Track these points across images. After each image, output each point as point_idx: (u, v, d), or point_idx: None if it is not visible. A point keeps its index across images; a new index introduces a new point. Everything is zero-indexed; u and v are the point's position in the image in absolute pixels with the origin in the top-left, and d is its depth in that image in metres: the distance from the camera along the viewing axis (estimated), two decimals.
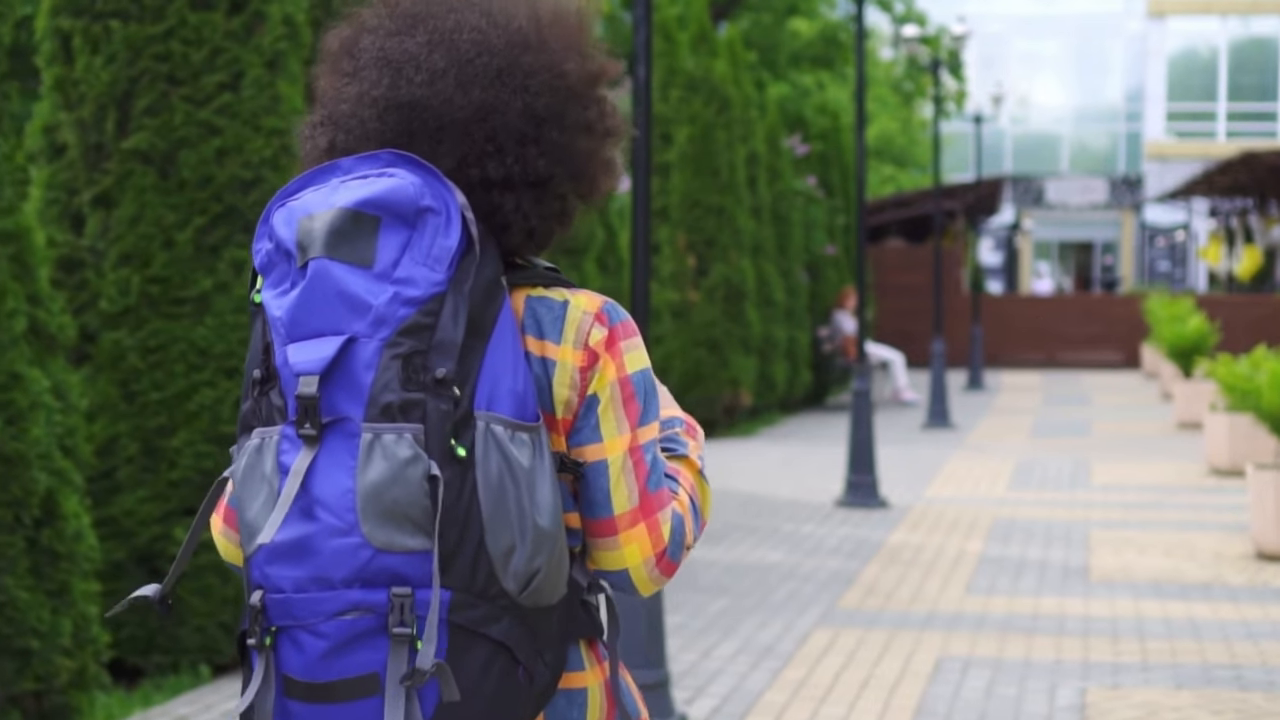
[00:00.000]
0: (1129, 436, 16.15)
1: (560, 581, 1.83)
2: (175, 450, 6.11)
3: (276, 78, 6.33)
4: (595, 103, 1.92)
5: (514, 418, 1.80)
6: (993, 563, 8.83)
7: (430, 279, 1.80)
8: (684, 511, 1.92)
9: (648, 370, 1.91)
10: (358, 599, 1.77)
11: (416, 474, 1.76)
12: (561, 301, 1.89)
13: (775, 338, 17.13)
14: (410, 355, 1.78)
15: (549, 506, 1.80)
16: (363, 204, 1.81)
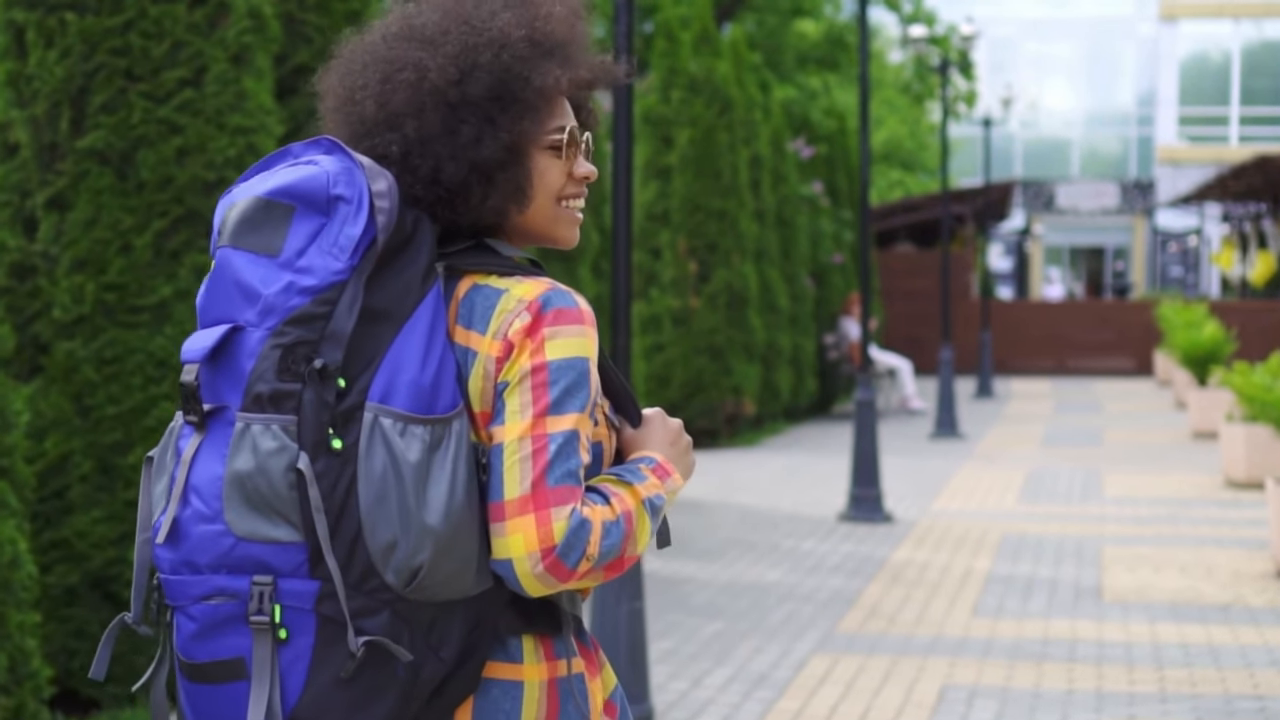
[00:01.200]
0: (1142, 446, 15.76)
1: (463, 577, 1.80)
2: (132, 468, 5.75)
3: (242, 73, 5.97)
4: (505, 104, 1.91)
5: (409, 410, 1.78)
6: (1001, 582, 8.46)
7: (330, 268, 1.80)
8: (596, 521, 1.83)
9: (578, 361, 1.84)
10: (221, 584, 1.80)
11: (279, 465, 1.77)
12: (499, 290, 1.87)
13: (779, 345, 16.76)
14: (294, 345, 1.78)
15: (440, 503, 1.78)
16: (275, 192, 1.84)
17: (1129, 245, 45.47)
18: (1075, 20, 45.95)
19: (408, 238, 1.86)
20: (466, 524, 1.80)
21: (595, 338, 1.89)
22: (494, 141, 1.90)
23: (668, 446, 1.98)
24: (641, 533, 1.88)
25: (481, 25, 1.92)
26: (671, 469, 1.96)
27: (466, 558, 1.81)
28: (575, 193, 1.99)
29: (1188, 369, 17.30)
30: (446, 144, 1.89)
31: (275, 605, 1.79)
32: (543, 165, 1.95)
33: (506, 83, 1.90)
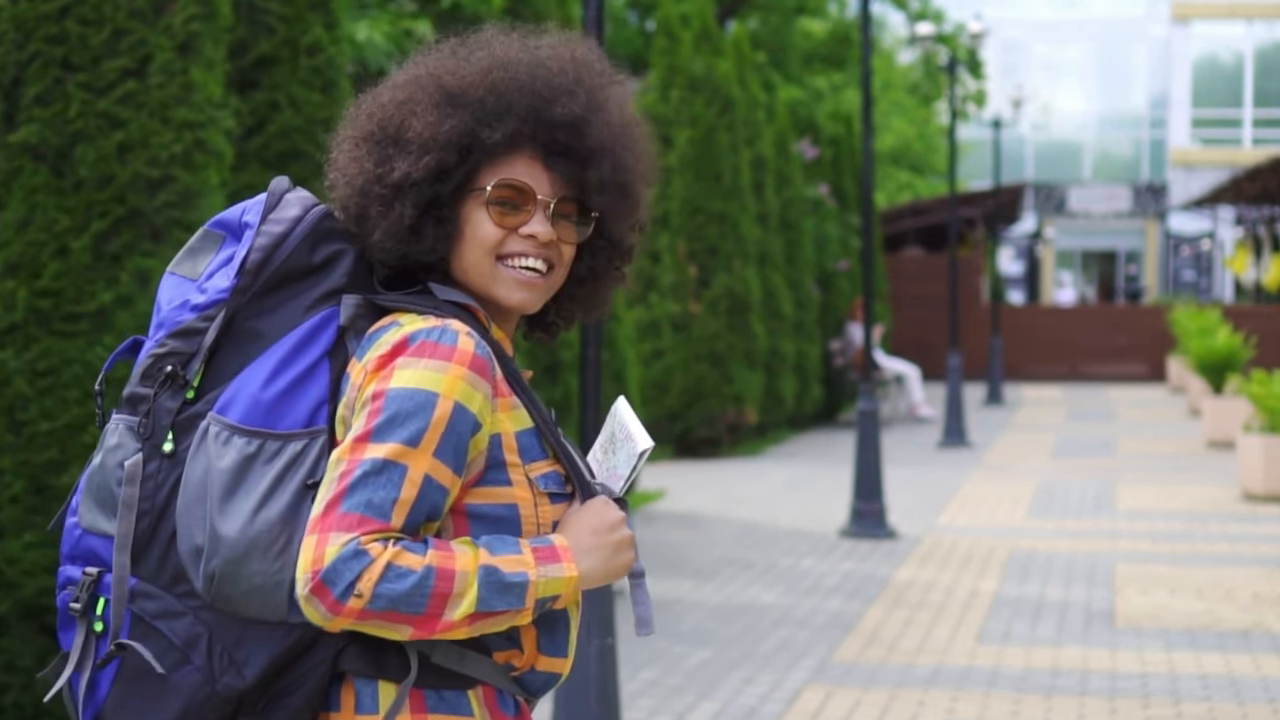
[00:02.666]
0: (1156, 456, 15.30)
1: (271, 597, 1.78)
2: (67, 489, 5.33)
3: (189, 63, 5.55)
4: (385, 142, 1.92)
5: (239, 421, 1.81)
6: (1009, 604, 8.01)
7: (218, 287, 1.89)
8: (380, 559, 1.74)
9: (419, 393, 1.78)
10: (70, 574, 1.88)
11: (114, 461, 1.85)
12: (395, 324, 1.87)
13: (783, 351, 16.31)
14: (166, 355, 1.86)
15: (241, 515, 1.78)
16: (213, 223, 1.98)
17: (1141, 249, 45.00)
18: (1086, 21, 45.55)
19: (311, 268, 1.89)
20: (275, 542, 1.78)
21: (468, 379, 1.81)
22: (373, 173, 1.90)
23: (586, 535, 1.86)
24: (464, 598, 1.76)
25: (414, 65, 1.98)
26: (568, 558, 1.83)
27: (274, 577, 1.78)
28: (519, 250, 1.92)
29: (1202, 376, 16.84)
30: (336, 173, 1.95)
31: (100, 598, 1.84)
32: (474, 217, 1.92)
33: (397, 121, 1.92)
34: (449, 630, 1.78)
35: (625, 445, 1.96)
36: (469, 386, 1.81)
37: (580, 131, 1.92)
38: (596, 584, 1.86)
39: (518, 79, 1.91)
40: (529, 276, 1.92)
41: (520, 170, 1.92)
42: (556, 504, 1.89)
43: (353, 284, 1.90)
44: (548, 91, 1.91)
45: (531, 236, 1.91)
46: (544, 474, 1.89)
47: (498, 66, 1.92)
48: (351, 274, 1.91)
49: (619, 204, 1.97)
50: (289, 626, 1.80)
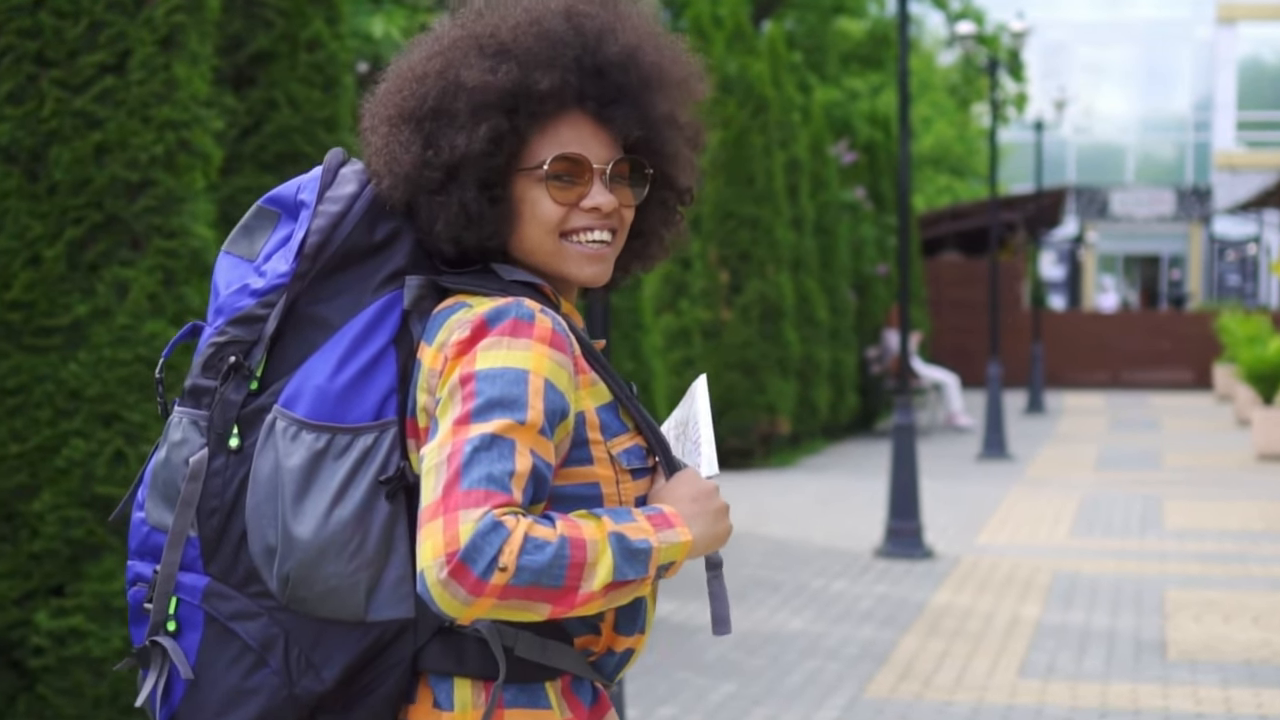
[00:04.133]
0: (1204, 470, 14.78)
1: (348, 597, 1.73)
2: (38, 516, 4.97)
3: (172, 58, 5.17)
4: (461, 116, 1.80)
5: (307, 416, 1.74)
6: (1052, 633, 7.56)
7: (276, 271, 1.80)
8: (517, 530, 1.64)
9: (510, 371, 1.71)
10: (139, 570, 1.84)
11: (179, 457, 1.80)
12: (463, 305, 1.79)
13: (817, 359, 15.86)
14: (227, 344, 1.79)
15: (315, 515, 1.72)
16: (267, 199, 1.89)
17: (1185, 253, 44.34)
18: (1130, 23, 44.99)
19: (372, 247, 1.80)
20: (351, 541, 1.73)
21: (551, 356, 1.73)
22: (422, 158, 1.80)
23: (688, 502, 1.79)
24: (599, 566, 1.67)
25: (444, 32, 1.86)
26: (679, 523, 1.75)
27: (350, 578, 1.73)
28: (584, 225, 1.83)
29: (1252, 386, 16.31)
30: (380, 159, 1.83)
31: (173, 597, 1.79)
32: (530, 195, 1.82)
33: (444, 96, 1.80)
34: (587, 603, 1.68)
35: (693, 453, 1.89)
36: (554, 364, 1.74)
37: (627, 69, 1.83)
38: (702, 552, 1.79)
39: (555, 28, 1.81)
40: (596, 249, 1.85)
41: (570, 136, 1.83)
42: (638, 479, 1.83)
43: (414, 264, 1.82)
44: (587, 35, 1.82)
45: (595, 209, 1.83)
46: (626, 449, 1.82)
47: (533, 20, 1.82)
48: (413, 253, 1.82)
49: (675, 145, 1.88)
50: (366, 626, 1.75)
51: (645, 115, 1.84)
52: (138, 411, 4.99)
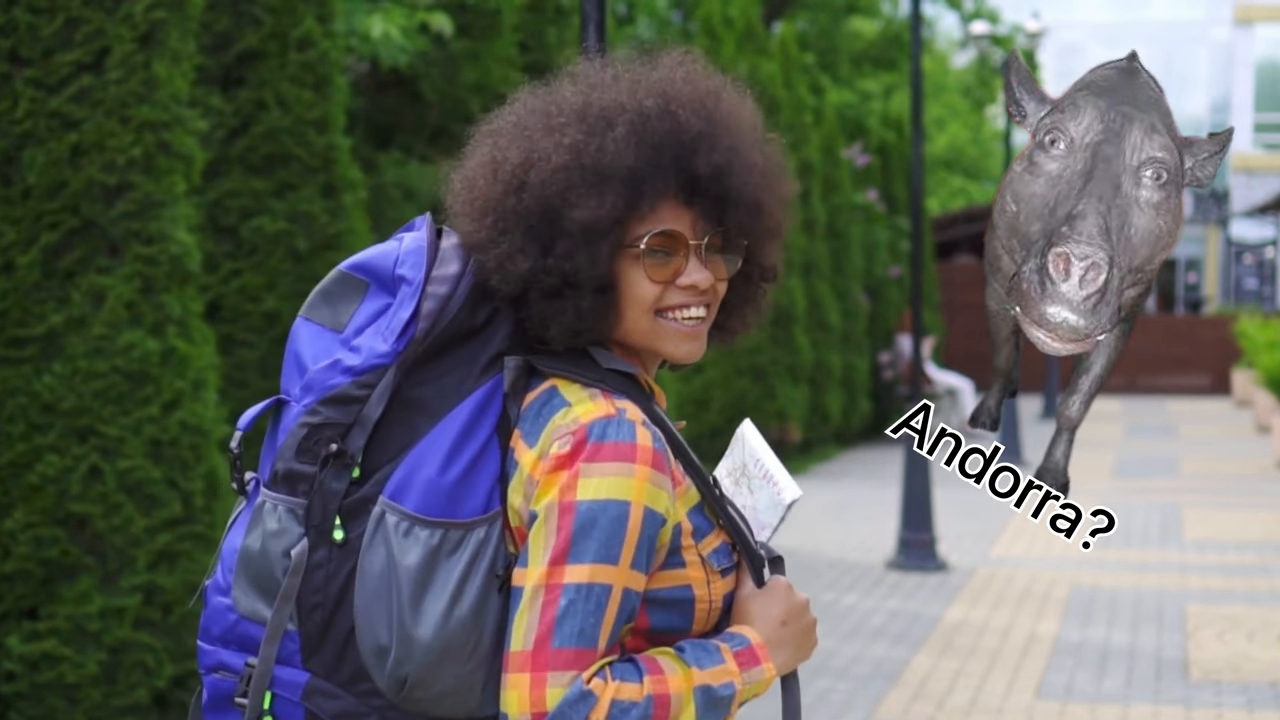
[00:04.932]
0: (1224, 478, 14.51)
1: (466, 696, 1.71)
2: (9, 534, 4.76)
3: (152, 56, 4.96)
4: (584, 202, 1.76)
5: (418, 510, 1.70)
6: (1071, 651, 7.32)
7: (375, 350, 1.75)
8: (604, 698, 1.64)
9: (612, 505, 1.67)
10: (224, 659, 1.78)
11: (278, 548, 1.74)
12: (565, 403, 1.75)
13: (829, 365, 15.62)
14: (321, 425, 1.72)
15: (436, 615, 1.68)
16: (353, 266, 1.81)
17: (1202, 257, 44.01)
18: (1146, 24, 44.73)
19: (473, 329, 1.77)
20: (469, 640, 1.70)
21: (653, 480, 1.70)
22: (538, 265, 1.76)
23: (777, 626, 1.78)
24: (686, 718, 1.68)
25: (542, 136, 1.79)
26: (766, 658, 1.75)
27: (468, 677, 1.71)
28: (680, 303, 1.80)
29: (1272, 392, 16.03)
30: (490, 255, 1.77)
31: (268, 692, 1.74)
32: (627, 275, 1.79)
33: (551, 211, 1.76)
34: None
35: (765, 487, 1.87)
36: (655, 487, 1.71)
37: (723, 175, 1.80)
38: (792, 668, 1.80)
39: (656, 134, 1.78)
40: (692, 326, 1.82)
41: (665, 215, 1.79)
42: (726, 577, 1.80)
43: (512, 345, 1.79)
44: (688, 141, 1.79)
45: (692, 286, 1.80)
46: (714, 549, 1.79)
47: (632, 130, 1.77)
48: (512, 335, 1.79)
49: (763, 229, 1.86)
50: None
51: (730, 215, 1.83)
52: (114, 426, 4.78)
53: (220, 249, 5.92)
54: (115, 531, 4.78)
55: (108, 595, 4.77)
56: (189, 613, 4.88)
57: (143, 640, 4.80)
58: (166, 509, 4.85)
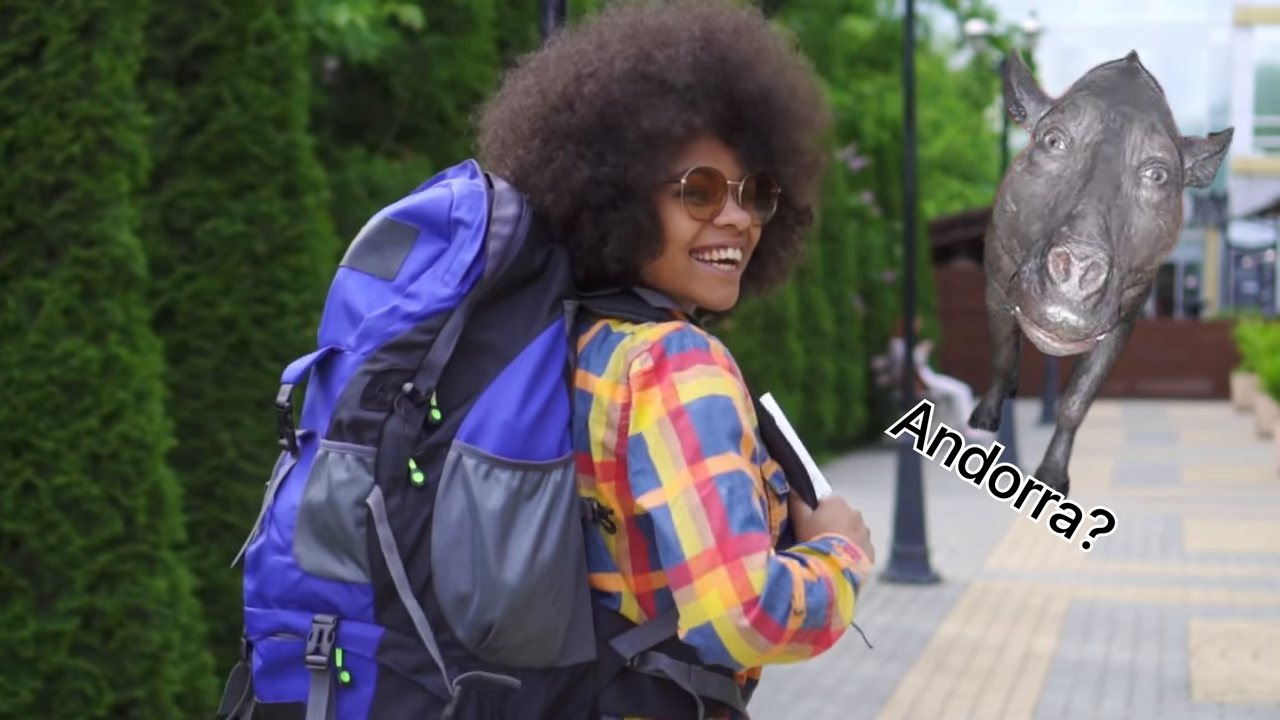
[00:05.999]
0: (1225, 486, 14.23)
1: (548, 644, 1.68)
2: None
3: (93, 48, 4.68)
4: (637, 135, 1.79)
5: (497, 453, 1.67)
6: (1069, 670, 7.03)
7: (437, 294, 1.72)
8: (797, 574, 1.66)
9: (716, 399, 1.68)
10: (286, 620, 1.72)
11: (349, 498, 1.69)
12: (624, 334, 1.76)
13: (822, 371, 15.33)
14: (385, 372, 1.70)
15: (521, 558, 1.65)
16: (401, 214, 1.78)
17: (1201, 260, 43.75)
18: (1145, 27, 44.52)
19: (534, 272, 1.75)
20: (554, 585, 1.66)
21: (735, 381, 1.72)
22: (594, 175, 1.77)
23: (851, 532, 1.82)
24: (845, 603, 1.70)
25: (594, 53, 1.82)
26: (860, 552, 1.80)
27: (552, 622, 1.67)
28: (717, 243, 1.81)
29: (1274, 398, 15.75)
30: (544, 174, 1.78)
31: (337, 649, 1.68)
32: (667, 210, 1.80)
33: (609, 119, 1.78)
34: (833, 642, 1.71)
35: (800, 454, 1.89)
36: (739, 386, 1.73)
37: (765, 104, 1.81)
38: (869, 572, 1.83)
39: (703, 58, 1.80)
40: (726, 271, 1.82)
41: (703, 153, 1.81)
42: (781, 504, 1.81)
43: (568, 289, 1.78)
44: (729, 66, 1.81)
45: (730, 225, 1.81)
46: (774, 473, 1.81)
47: (684, 48, 1.80)
48: (567, 278, 1.78)
49: (801, 169, 1.87)
50: (556, 672, 1.70)
51: (771, 147, 1.84)
52: (50, 439, 4.50)
53: (174, 252, 5.63)
54: (51, 551, 4.50)
55: (43, 619, 4.49)
56: (130, 637, 4.59)
57: (81, 667, 4.51)
58: (106, 527, 4.56)
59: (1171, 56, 44.68)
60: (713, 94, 1.80)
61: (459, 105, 7.16)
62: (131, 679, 4.59)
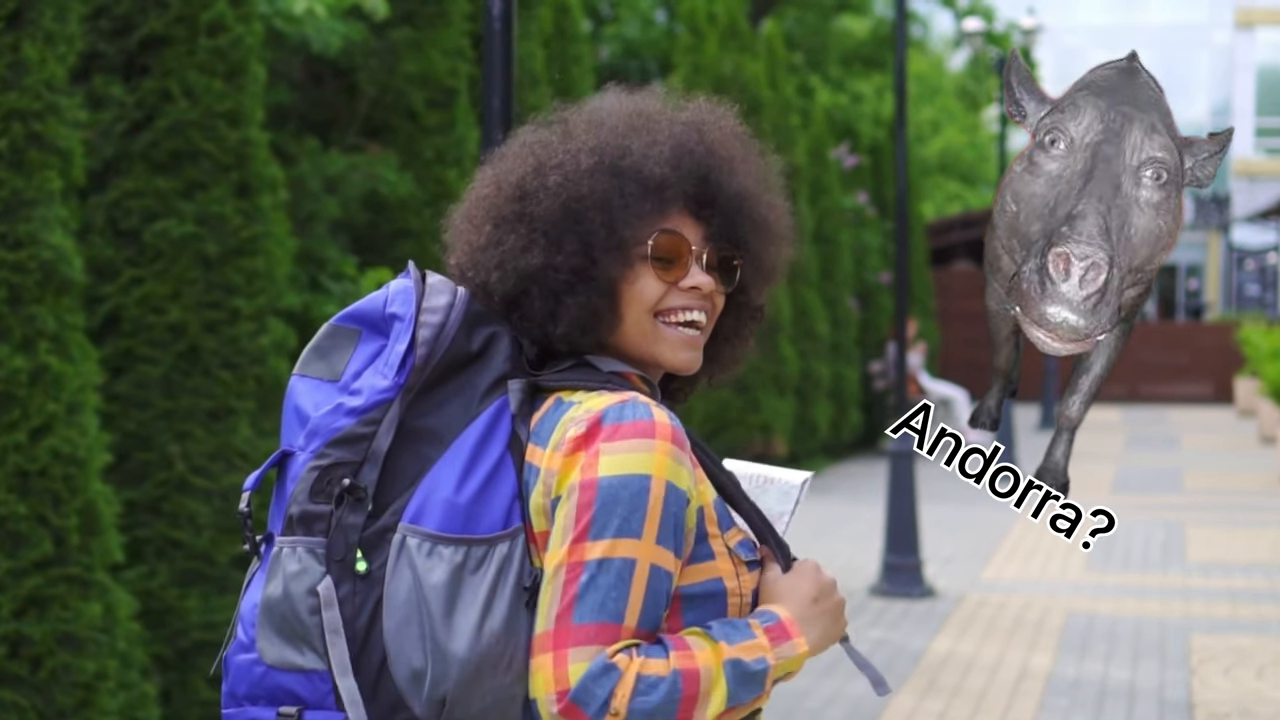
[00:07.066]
0: (1227, 493, 13.93)
1: (506, 712, 1.70)
2: None
3: (21, 37, 4.40)
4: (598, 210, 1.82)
5: (439, 530, 1.71)
6: (1066, 689, 6.74)
7: (376, 387, 1.77)
8: (629, 672, 1.63)
9: (633, 479, 1.67)
10: (255, 715, 1.76)
11: (301, 588, 1.72)
12: (572, 403, 1.77)
13: (817, 375, 15.04)
14: (331, 466, 1.74)
15: (469, 629, 1.68)
16: (343, 318, 1.85)
17: (1203, 263, 43.49)
18: (1146, 28, 44.27)
19: (472, 355, 1.79)
20: (505, 653, 1.68)
21: (673, 456, 1.69)
22: (550, 262, 1.79)
23: (807, 604, 1.76)
24: (713, 695, 1.66)
25: (559, 144, 1.85)
26: (797, 632, 1.73)
27: (507, 690, 1.69)
28: (682, 304, 1.82)
29: (1278, 404, 15.45)
30: (491, 254, 1.82)
31: None
32: (632, 273, 1.81)
33: (574, 213, 1.80)
34: None
35: (769, 489, 1.91)
36: (675, 462, 1.70)
37: (739, 205, 1.85)
38: (816, 654, 1.76)
39: (687, 144, 1.84)
40: (691, 335, 1.84)
41: (671, 220, 1.84)
42: (752, 571, 1.79)
43: (514, 368, 1.81)
44: (715, 159, 1.84)
45: (694, 288, 1.83)
46: (740, 541, 1.79)
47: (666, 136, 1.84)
48: (512, 357, 1.81)
49: (761, 271, 1.90)
50: None
51: (735, 234, 1.85)
52: None
53: (120, 255, 5.33)
54: None
55: None
56: (61, 666, 4.31)
57: (6, 698, 4.23)
58: (35, 549, 4.28)
59: (1172, 57, 44.42)
60: (686, 174, 1.83)
61: (429, 102, 6.87)
62: (62, 710, 4.30)
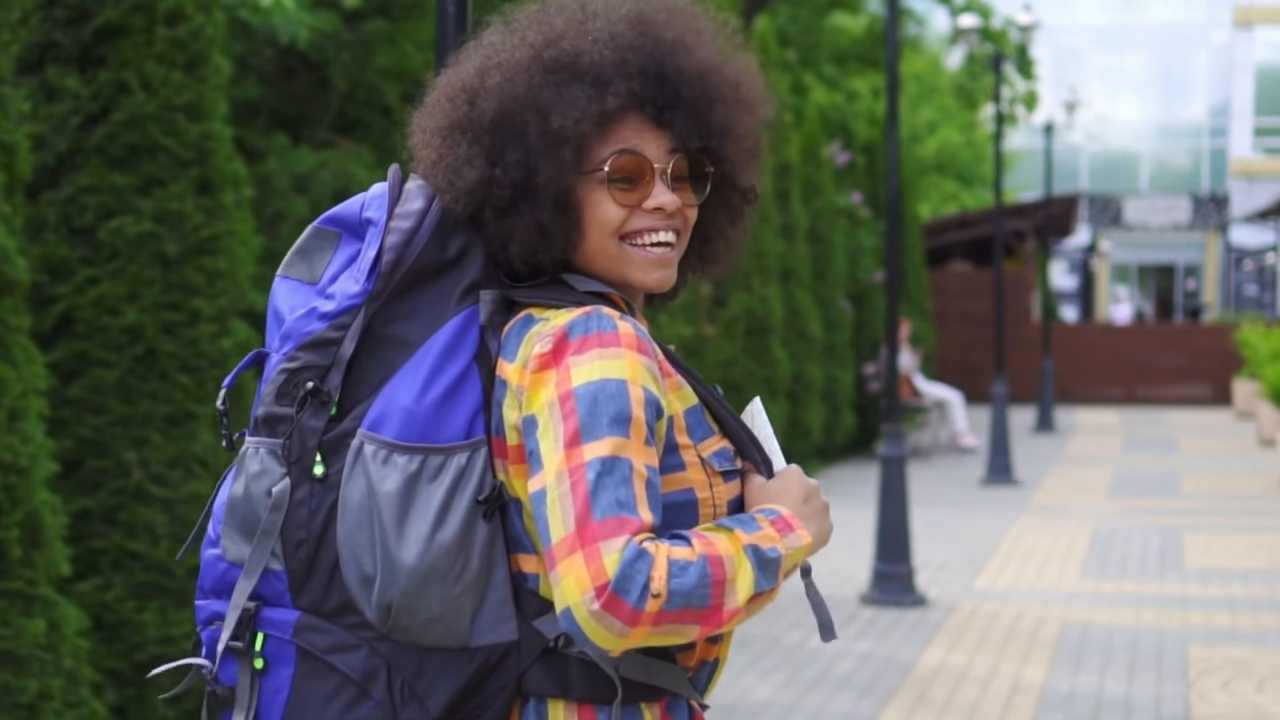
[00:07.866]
0: (1226, 496, 13.72)
1: (454, 623, 1.70)
2: None
3: None
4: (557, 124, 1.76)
5: (396, 438, 1.70)
6: (1059, 703, 6.53)
7: (348, 292, 1.76)
8: (660, 555, 1.62)
9: (608, 383, 1.67)
10: (217, 609, 1.78)
11: (260, 489, 1.74)
12: (539, 319, 1.76)
13: (809, 377, 14.83)
14: (300, 369, 1.74)
15: (419, 539, 1.68)
16: (325, 220, 1.85)
17: (1201, 263, 43.30)
18: (1145, 27, 44.06)
19: (445, 264, 1.77)
20: (454, 564, 1.68)
21: (643, 362, 1.69)
22: (488, 175, 1.76)
23: (799, 504, 1.77)
24: (741, 581, 1.65)
25: (501, 42, 1.81)
26: (798, 525, 1.74)
27: (455, 601, 1.69)
28: (647, 226, 1.79)
29: (1277, 406, 15.25)
30: (438, 172, 1.79)
31: (260, 633, 1.74)
32: (591, 198, 1.78)
33: (509, 115, 1.76)
34: (732, 619, 1.66)
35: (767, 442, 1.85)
36: (645, 370, 1.69)
37: (702, 82, 1.77)
38: (813, 553, 1.77)
39: (624, 37, 1.76)
40: (660, 254, 1.79)
41: (629, 135, 1.77)
42: (729, 481, 1.78)
43: (488, 277, 1.78)
44: (659, 44, 1.77)
45: (659, 209, 1.78)
46: (715, 451, 1.77)
47: (600, 29, 1.76)
48: (486, 266, 1.78)
49: (742, 150, 1.83)
50: (471, 652, 1.71)
51: (708, 125, 1.79)
52: None
53: (74, 254, 5.12)
54: None
55: None
56: (1, 686, 4.09)
57: None
58: None
59: (1171, 57, 44.22)
60: (634, 73, 1.75)
61: (403, 95, 6.66)
62: None
